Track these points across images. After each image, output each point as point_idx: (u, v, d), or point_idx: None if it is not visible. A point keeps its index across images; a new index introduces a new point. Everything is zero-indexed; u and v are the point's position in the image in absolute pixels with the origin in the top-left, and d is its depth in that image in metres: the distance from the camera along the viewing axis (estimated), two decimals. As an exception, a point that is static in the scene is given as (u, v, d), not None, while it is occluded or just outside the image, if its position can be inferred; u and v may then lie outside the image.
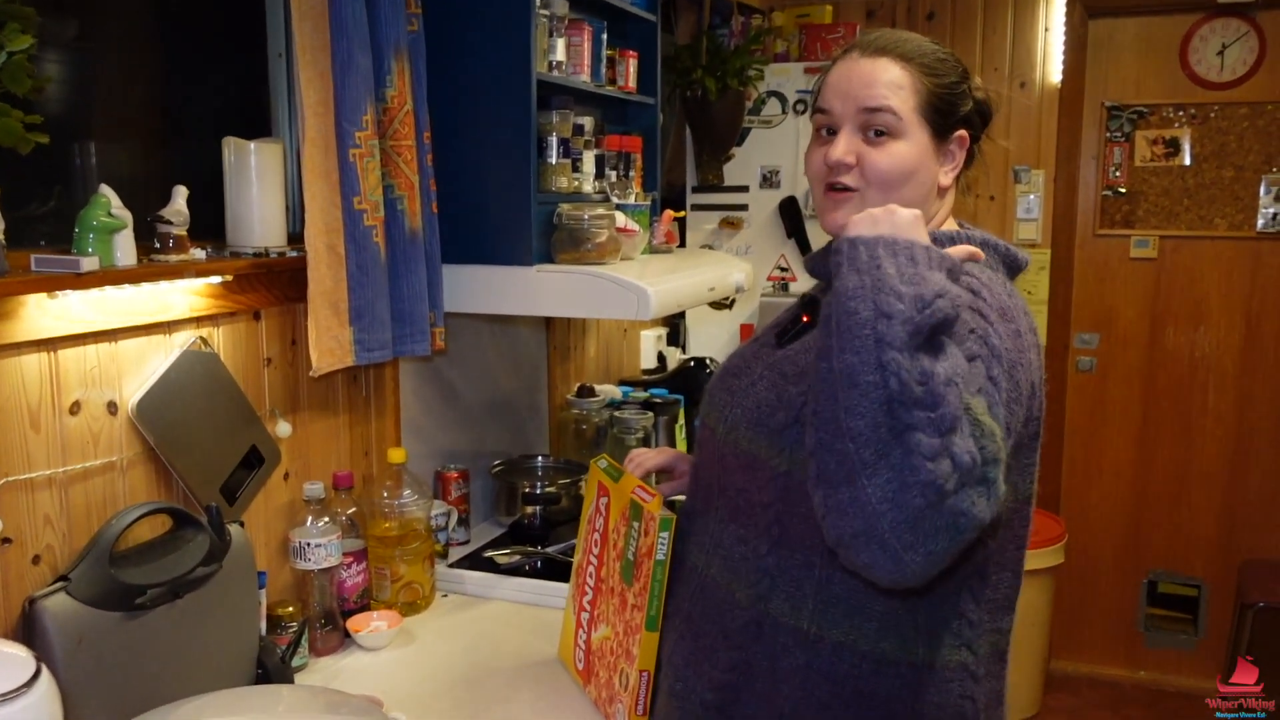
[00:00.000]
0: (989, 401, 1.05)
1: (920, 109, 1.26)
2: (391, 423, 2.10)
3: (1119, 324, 3.98)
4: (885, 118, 1.25)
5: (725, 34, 3.30)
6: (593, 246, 1.95)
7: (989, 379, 1.08)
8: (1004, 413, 1.07)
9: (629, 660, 1.43)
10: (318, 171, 1.68)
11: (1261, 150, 3.74)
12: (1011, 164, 3.92)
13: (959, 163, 1.32)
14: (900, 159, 1.25)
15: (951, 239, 1.29)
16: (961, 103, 1.30)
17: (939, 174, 1.31)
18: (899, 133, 1.25)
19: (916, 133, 1.26)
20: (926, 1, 3.95)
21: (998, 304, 1.17)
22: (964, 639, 1.23)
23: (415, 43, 1.83)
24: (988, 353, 1.09)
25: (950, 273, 1.08)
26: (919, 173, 1.27)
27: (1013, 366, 1.12)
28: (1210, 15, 3.71)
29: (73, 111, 1.66)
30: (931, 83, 1.27)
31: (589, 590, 1.60)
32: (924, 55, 1.28)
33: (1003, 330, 1.13)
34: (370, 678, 1.69)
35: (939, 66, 1.29)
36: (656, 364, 3.31)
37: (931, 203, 1.32)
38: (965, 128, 1.31)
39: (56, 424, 1.41)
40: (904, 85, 1.26)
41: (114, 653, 1.35)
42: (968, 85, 1.32)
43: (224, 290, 1.63)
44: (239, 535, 1.55)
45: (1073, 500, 4.07)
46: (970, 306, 1.12)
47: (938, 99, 1.27)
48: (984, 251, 1.27)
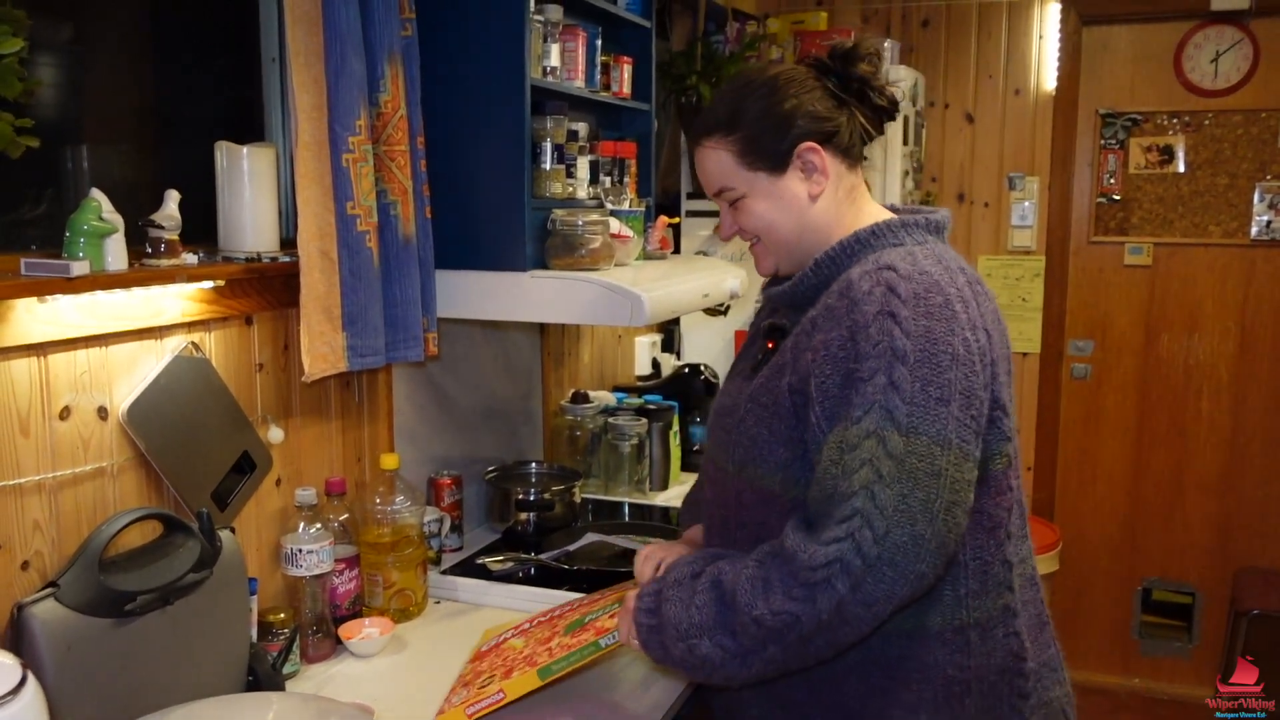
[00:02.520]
0: (894, 417, 1.14)
1: (742, 164, 1.37)
2: (384, 429, 2.10)
3: (1113, 331, 3.99)
4: (728, 194, 1.41)
5: (720, 40, 3.30)
6: (586, 252, 1.95)
7: (890, 384, 1.15)
8: (918, 389, 1.15)
9: (505, 675, 1.48)
10: (311, 176, 1.67)
11: (1255, 158, 3.75)
12: (1006, 171, 3.93)
13: (823, 166, 1.36)
14: (755, 214, 1.39)
15: (874, 234, 1.33)
16: (781, 126, 1.34)
17: (804, 191, 1.36)
18: (743, 194, 1.39)
19: (754, 182, 1.38)
20: (921, 9, 3.95)
21: (913, 290, 1.20)
22: (1006, 581, 1.29)
23: (409, 48, 1.83)
24: (887, 363, 1.16)
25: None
26: (778, 209, 1.37)
27: (931, 342, 1.17)
28: (1204, 23, 3.72)
29: (64, 115, 1.65)
30: (740, 134, 1.36)
31: (547, 616, 1.68)
32: (724, 108, 1.38)
33: (910, 314, 1.18)
34: (362, 685, 1.68)
35: (738, 112, 1.36)
36: (651, 370, 3.31)
37: (826, 214, 1.37)
38: (804, 140, 1.35)
39: (46, 429, 1.40)
40: (720, 158, 1.38)
41: (103, 660, 1.34)
42: (787, 97, 1.34)
43: (216, 295, 1.63)
44: (230, 541, 1.54)
45: (1067, 507, 4.07)
46: (881, 312, 1.18)
47: (752, 143, 1.36)
48: (906, 233, 1.33)
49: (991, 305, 1.30)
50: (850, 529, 1.12)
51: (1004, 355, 1.29)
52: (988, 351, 1.22)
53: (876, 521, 1.11)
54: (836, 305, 1.24)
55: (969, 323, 1.21)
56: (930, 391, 1.14)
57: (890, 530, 1.11)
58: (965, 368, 1.17)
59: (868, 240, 1.32)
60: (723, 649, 1.22)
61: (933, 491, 1.12)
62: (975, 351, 1.20)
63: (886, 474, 1.12)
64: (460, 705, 1.49)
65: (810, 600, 1.14)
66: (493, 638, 1.72)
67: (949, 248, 1.36)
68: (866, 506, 1.12)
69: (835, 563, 1.12)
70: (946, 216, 1.39)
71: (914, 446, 1.13)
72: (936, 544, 1.12)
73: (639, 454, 2.66)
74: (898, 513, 1.11)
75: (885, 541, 1.11)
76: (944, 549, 1.13)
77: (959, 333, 1.19)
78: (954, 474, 1.14)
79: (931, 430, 1.13)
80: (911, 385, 1.14)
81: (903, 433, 1.13)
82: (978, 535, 1.26)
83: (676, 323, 3.49)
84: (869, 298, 1.20)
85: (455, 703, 1.52)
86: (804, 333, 1.28)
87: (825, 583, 1.12)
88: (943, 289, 1.22)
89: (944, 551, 1.14)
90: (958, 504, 1.14)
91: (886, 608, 1.13)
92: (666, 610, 1.29)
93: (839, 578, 1.12)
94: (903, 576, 1.11)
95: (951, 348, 1.17)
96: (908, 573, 1.11)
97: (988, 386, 1.21)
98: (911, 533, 1.11)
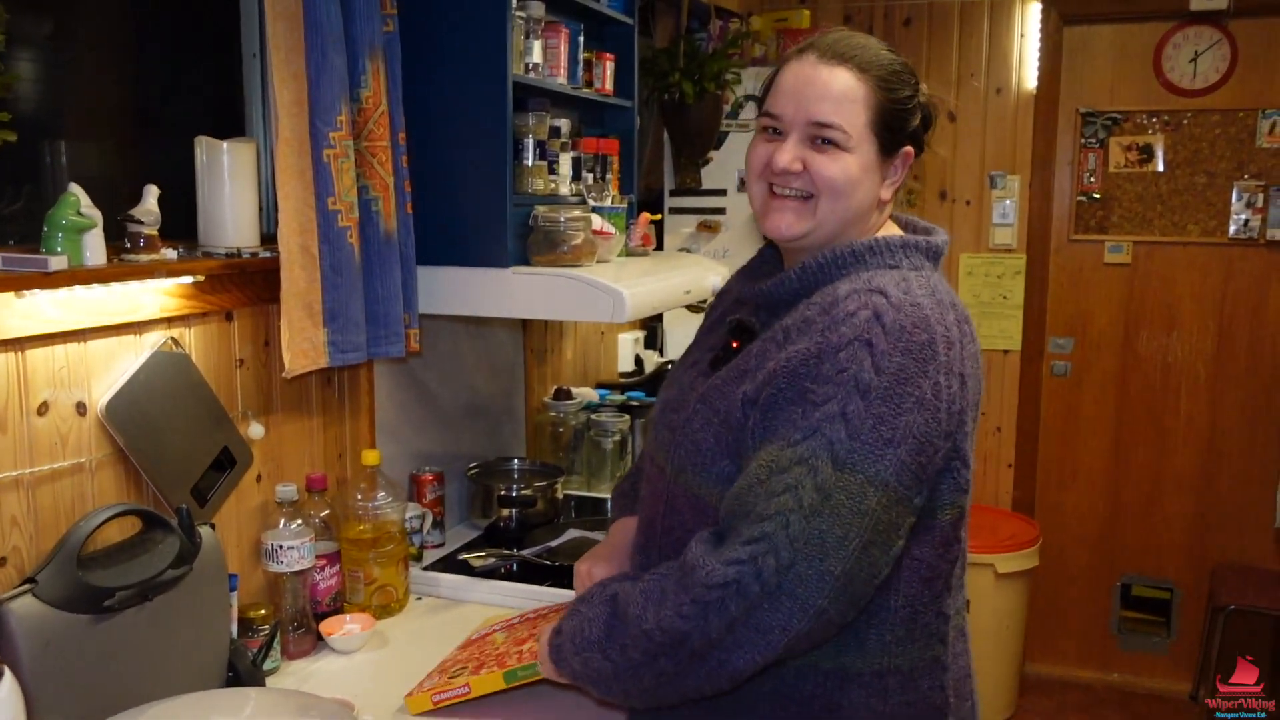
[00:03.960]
0: (832, 449, 1.09)
1: (871, 124, 1.26)
2: (366, 425, 2.09)
3: (1093, 329, 4.01)
4: (835, 133, 1.25)
5: (703, 38, 3.30)
6: (569, 249, 1.95)
7: (840, 414, 1.10)
8: (868, 426, 1.10)
9: (476, 671, 1.49)
10: (292, 172, 1.67)
11: (1233, 157, 3.78)
12: (987, 169, 3.95)
13: (900, 178, 1.31)
14: (847, 169, 1.25)
15: (871, 249, 1.26)
16: (911, 118, 1.29)
17: (881, 188, 1.30)
18: (847, 147, 1.25)
19: (864, 147, 1.26)
20: (904, 7, 3.97)
21: (899, 322, 1.15)
22: (939, 633, 1.24)
23: (390, 43, 1.82)
24: (845, 392, 1.11)
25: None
26: (862, 186, 1.27)
27: (901, 381, 1.12)
28: (1183, 23, 3.75)
29: (43, 109, 1.64)
30: (885, 98, 1.26)
31: (535, 614, 1.67)
32: (881, 67, 1.26)
33: (887, 348, 1.13)
34: (343, 681, 1.68)
35: (894, 80, 1.27)
36: (634, 367, 3.31)
37: (869, 215, 1.31)
38: (911, 143, 1.30)
39: (24, 425, 1.39)
40: (857, 99, 1.25)
41: (82, 656, 1.33)
42: (919, 98, 1.30)
43: (196, 290, 1.62)
44: (210, 537, 1.54)
45: (1047, 504, 4.09)
46: (858, 339, 1.13)
47: (889, 115, 1.26)
48: (904, 255, 1.26)
49: (974, 347, 1.23)
50: (755, 552, 1.09)
51: (975, 402, 1.22)
52: (959, 399, 1.16)
53: (784, 550, 1.08)
54: (816, 320, 1.18)
55: (947, 366, 1.15)
56: (881, 431, 1.09)
57: (796, 562, 1.07)
58: (929, 413, 1.12)
59: (862, 255, 1.24)
60: (613, 662, 1.20)
61: (853, 530, 1.08)
62: (945, 398, 1.14)
63: (807, 504, 1.08)
64: (429, 690, 1.51)
65: (701, 618, 1.11)
66: (484, 628, 1.73)
67: (943, 278, 1.29)
68: (777, 533, 1.08)
69: (732, 584, 1.09)
70: (945, 242, 1.33)
71: (844, 482, 1.09)
72: (845, 582, 1.09)
73: (621, 450, 2.67)
74: (809, 545, 1.08)
75: (789, 572, 1.08)
76: (853, 589, 1.10)
77: (933, 376, 1.13)
78: (882, 516, 1.10)
79: (869, 470, 1.09)
80: (863, 420, 1.09)
81: (837, 466, 1.09)
82: (913, 584, 1.20)
83: (659, 319, 3.49)
84: (850, 320, 1.15)
85: (426, 686, 1.54)
86: (774, 342, 1.22)
87: (719, 603, 1.10)
88: (930, 326, 1.16)
89: (852, 591, 1.10)
90: (877, 545, 1.10)
91: (782, 638, 1.09)
92: (566, 625, 1.28)
93: (733, 599, 1.09)
94: (802, 610, 1.08)
95: (920, 390, 1.12)
96: (808, 607, 1.08)
97: (950, 435, 1.15)
98: (819, 568, 1.07)
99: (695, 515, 1.25)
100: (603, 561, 1.48)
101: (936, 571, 1.22)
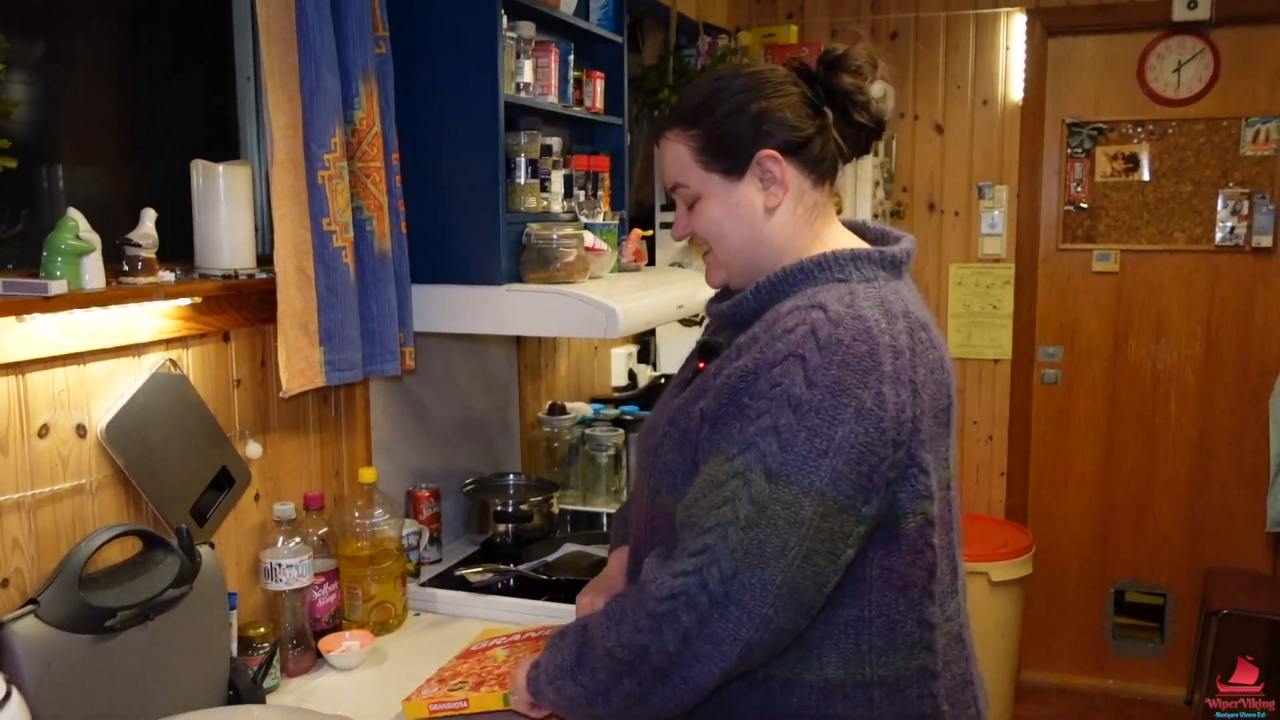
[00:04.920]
0: (765, 462, 1.12)
1: (702, 163, 1.31)
2: (362, 442, 2.11)
3: (1082, 337, 4.04)
4: (682, 191, 1.34)
5: (692, 54, 3.33)
6: (561, 266, 1.97)
7: (772, 428, 1.12)
8: (801, 439, 1.12)
9: (475, 687, 1.49)
10: (286, 193, 1.69)
11: (1218, 165, 3.82)
12: (975, 180, 3.98)
13: (782, 177, 1.29)
14: (707, 219, 1.33)
15: (820, 265, 1.26)
16: (742, 127, 1.28)
17: (760, 202, 1.30)
18: (701, 195, 1.33)
19: (710, 186, 1.32)
20: (890, 22, 4.01)
21: (836, 336, 1.15)
22: (924, 641, 1.24)
23: (383, 65, 1.84)
24: (777, 406, 1.13)
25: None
26: (730, 217, 1.32)
27: (836, 393, 1.13)
28: (1166, 33, 3.79)
29: (40, 134, 1.66)
30: (704, 131, 1.30)
31: (539, 633, 1.68)
32: (692, 107, 1.32)
33: (821, 362, 1.14)
34: (342, 698, 1.69)
35: (706, 108, 1.30)
36: (627, 381, 3.33)
37: (778, 233, 1.31)
38: (766, 146, 1.28)
39: (25, 447, 1.40)
40: (681, 152, 1.32)
41: (84, 676, 1.34)
42: (757, 98, 1.28)
43: (193, 312, 1.64)
44: (209, 557, 1.55)
45: (1040, 511, 4.11)
46: (792, 355, 1.15)
47: (715, 141, 1.30)
48: (854, 268, 1.26)
49: (934, 355, 1.23)
50: (699, 564, 1.12)
51: (936, 408, 1.22)
52: (910, 407, 1.16)
53: (725, 561, 1.11)
54: (760, 336, 1.21)
55: (893, 376, 1.15)
56: (815, 443, 1.11)
57: (739, 571, 1.10)
58: (870, 423, 1.13)
59: (811, 271, 1.26)
60: (583, 686, 1.22)
61: (791, 539, 1.10)
62: (890, 407, 1.14)
63: (744, 516, 1.11)
64: (427, 699, 1.52)
65: (657, 631, 1.13)
66: (484, 640, 1.73)
67: (904, 284, 1.29)
68: (718, 544, 1.11)
69: (680, 595, 1.12)
70: (905, 250, 1.32)
71: (779, 494, 1.11)
72: (788, 591, 1.11)
73: (616, 465, 2.68)
74: (749, 555, 1.10)
75: (733, 582, 1.10)
76: (798, 597, 1.12)
77: (874, 386, 1.14)
78: (821, 525, 1.11)
79: (803, 481, 1.11)
80: (795, 433, 1.11)
81: (770, 479, 1.11)
82: (885, 593, 1.21)
83: (652, 334, 3.51)
84: (787, 336, 1.17)
85: (425, 694, 1.55)
86: (729, 359, 1.24)
87: (671, 614, 1.12)
88: (871, 337, 1.16)
89: (798, 599, 1.12)
90: (820, 554, 1.12)
91: (735, 647, 1.11)
92: (543, 658, 1.31)
93: (684, 610, 1.12)
94: (749, 618, 1.10)
95: (858, 401, 1.13)
96: (754, 615, 1.10)
97: (900, 444, 1.16)
98: (761, 576, 1.10)
99: (674, 536, 1.26)
100: (603, 593, 1.49)
101: (910, 579, 1.22)
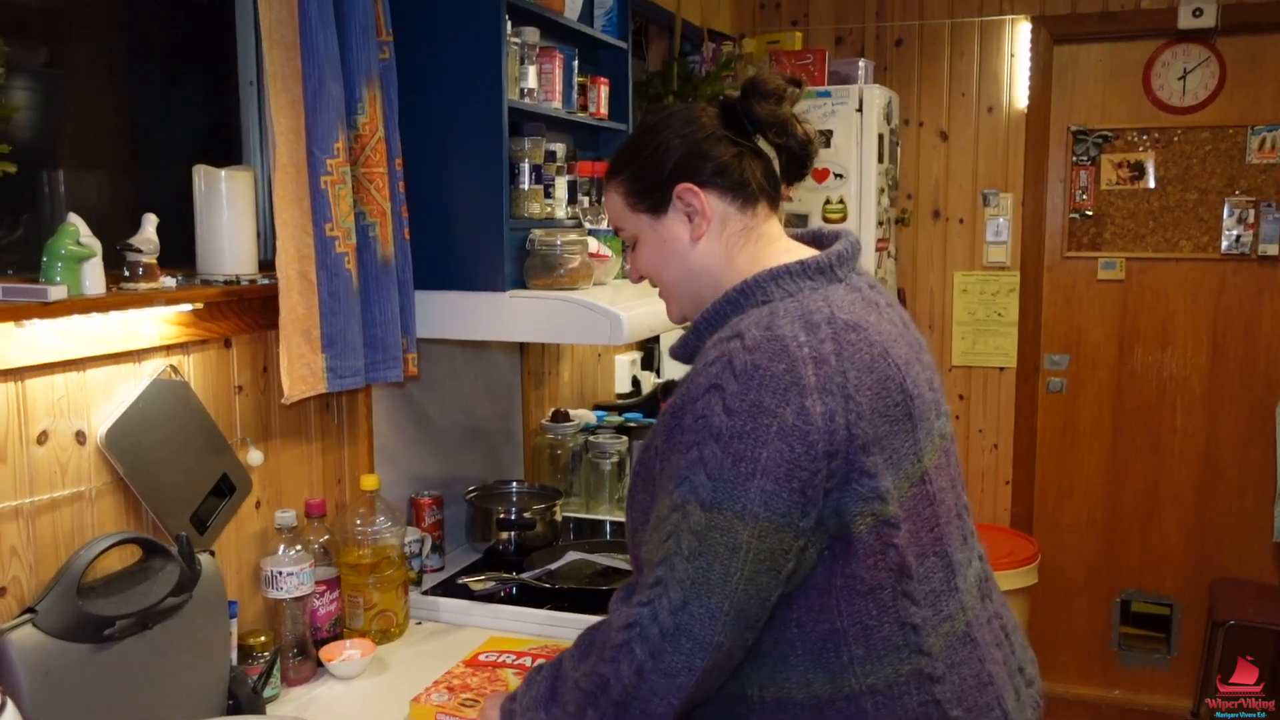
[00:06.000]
0: (698, 493, 1.14)
1: (629, 205, 1.38)
2: (364, 449, 2.09)
3: (1088, 345, 4.03)
4: (623, 235, 1.42)
5: (696, 60, 3.33)
6: (565, 272, 1.96)
7: (699, 460, 1.15)
8: (727, 465, 1.14)
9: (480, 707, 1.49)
10: (289, 199, 1.68)
11: (1224, 173, 3.81)
12: (980, 188, 3.97)
13: (702, 208, 1.33)
14: (643, 258, 1.40)
15: (742, 293, 1.29)
16: (659, 166, 1.34)
17: (685, 234, 1.35)
18: (636, 238, 1.40)
19: (640, 227, 1.39)
20: (895, 29, 4.00)
21: (752, 362, 1.17)
22: (910, 645, 1.22)
23: (387, 70, 1.84)
24: (701, 438, 1.16)
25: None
26: (661, 253, 1.38)
27: (755, 416, 1.14)
28: (1172, 41, 3.78)
29: (41, 139, 1.65)
30: (629, 175, 1.38)
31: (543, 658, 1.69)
32: (621, 155, 1.41)
33: (738, 389, 1.16)
34: (343, 707, 1.68)
35: (631, 152, 1.39)
36: (631, 388, 3.31)
37: (712, 265, 1.35)
38: (681, 180, 1.33)
39: (24, 454, 1.39)
40: (614, 199, 1.40)
41: (82, 685, 1.33)
42: (671, 136, 1.34)
43: (194, 318, 1.63)
44: (209, 565, 1.54)
45: (1045, 521, 4.10)
46: (711, 387, 1.17)
47: (638, 183, 1.37)
48: (775, 286, 1.28)
49: (869, 353, 1.22)
50: (652, 595, 1.14)
51: (882, 406, 1.21)
52: (839, 415, 1.16)
53: (674, 592, 1.13)
54: (691, 373, 1.25)
55: (818, 387, 1.16)
56: (741, 467, 1.13)
57: (688, 601, 1.12)
58: (794, 438, 1.14)
59: (735, 301, 1.29)
60: (554, 719, 1.24)
61: (733, 565, 1.12)
62: (816, 419, 1.15)
63: (686, 547, 1.13)
64: (435, 705, 1.52)
65: (615, 662, 1.15)
66: (494, 652, 1.73)
67: (840, 287, 1.29)
68: (667, 576, 1.14)
69: (635, 626, 1.14)
70: (837, 254, 1.32)
71: (715, 521, 1.13)
72: (735, 614, 1.13)
73: (620, 472, 2.67)
74: (695, 585, 1.12)
75: (682, 612, 1.12)
76: (745, 620, 1.14)
77: (795, 402, 1.15)
78: (760, 546, 1.13)
79: (735, 506, 1.13)
80: (721, 461, 1.14)
81: (705, 508, 1.13)
82: (854, 600, 1.20)
83: (656, 340, 3.50)
84: (707, 369, 1.20)
85: (435, 701, 1.55)
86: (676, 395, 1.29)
87: (625, 645, 1.14)
88: (789, 353, 1.17)
89: (745, 620, 1.14)
90: (763, 573, 1.14)
91: (690, 678, 1.12)
92: (520, 691, 1.33)
93: (638, 643, 1.13)
94: (701, 648, 1.12)
95: (780, 419, 1.14)
96: (706, 644, 1.12)
97: (835, 454, 1.16)
98: (708, 605, 1.12)
99: None
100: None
101: (876, 583, 1.21)
